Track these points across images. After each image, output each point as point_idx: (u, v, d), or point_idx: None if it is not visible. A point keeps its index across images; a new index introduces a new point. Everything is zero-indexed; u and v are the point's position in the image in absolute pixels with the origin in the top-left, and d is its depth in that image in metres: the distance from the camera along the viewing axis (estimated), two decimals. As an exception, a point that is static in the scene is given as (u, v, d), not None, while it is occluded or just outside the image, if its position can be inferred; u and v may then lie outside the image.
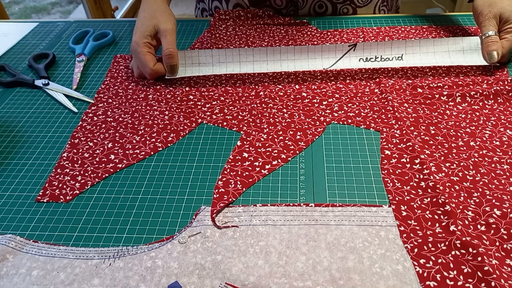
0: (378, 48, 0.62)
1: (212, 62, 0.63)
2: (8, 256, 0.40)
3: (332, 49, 0.62)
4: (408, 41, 0.62)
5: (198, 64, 0.63)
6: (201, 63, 0.63)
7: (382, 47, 0.62)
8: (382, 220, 0.42)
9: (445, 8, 2.22)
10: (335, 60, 0.61)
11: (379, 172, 0.47)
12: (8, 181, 0.49)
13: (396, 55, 0.61)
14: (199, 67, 0.63)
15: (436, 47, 0.61)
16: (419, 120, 0.53)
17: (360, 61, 0.61)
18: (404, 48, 0.62)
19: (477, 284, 0.36)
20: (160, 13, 0.64)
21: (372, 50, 0.62)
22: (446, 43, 0.61)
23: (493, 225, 0.40)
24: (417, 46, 0.62)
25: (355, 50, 0.62)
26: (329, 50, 0.62)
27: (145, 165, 0.50)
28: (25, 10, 2.66)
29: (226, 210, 0.44)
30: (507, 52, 0.60)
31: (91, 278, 0.38)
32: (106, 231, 0.43)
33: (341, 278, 0.37)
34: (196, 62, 0.63)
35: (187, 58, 0.63)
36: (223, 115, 0.57)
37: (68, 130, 0.56)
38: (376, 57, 0.61)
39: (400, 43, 0.62)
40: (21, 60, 0.72)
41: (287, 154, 0.50)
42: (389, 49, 0.62)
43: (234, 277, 0.38)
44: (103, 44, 0.74)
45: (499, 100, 0.55)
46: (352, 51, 0.62)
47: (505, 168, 0.46)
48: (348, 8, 0.80)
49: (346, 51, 0.62)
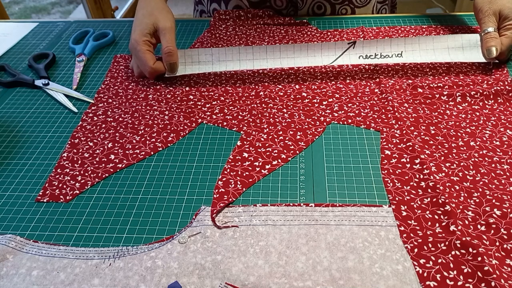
0: (377, 45, 0.62)
1: (212, 61, 0.63)
2: (8, 256, 0.40)
3: (331, 47, 0.62)
4: (407, 39, 0.62)
5: (198, 62, 0.63)
6: (201, 62, 0.63)
7: (381, 44, 0.62)
8: (382, 220, 0.42)
9: (445, 8, 2.22)
10: (335, 58, 0.61)
11: (379, 172, 0.47)
12: (8, 181, 0.49)
13: (396, 52, 0.61)
14: (199, 65, 0.63)
15: (435, 44, 0.61)
16: (419, 120, 0.53)
17: (360, 58, 0.61)
18: (403, 45, 0.62)
19: (477, 284, 0.36)
20: (158, 11, 0.64)
21: (371, 47, 0.62)
22: (445, 40, 0.61)
23: (493, 225, 0.40)
24: (416, 43, 0.62)
25: (355, 48, 0.62)
26: (328, 48, 0.62)
27: (145, 165, 0.50)
28: (25, 10, 2.66)
29: (226, 210, 0.44)
30: (506, 49, 0.60)
31: (91, 278, 0.38)
32: (106, 231, 0.43)
33: (341, 278, 0.37)
34: (196, 61, 0.63)
35: (187, 56, 0.63)
36: (223, 115, 0.57)
37: (68, 130, 0.56)
38: (376, 54, 0.61)
39: (399, 41, 0.62)
40: (21, 60, 0.72)
41: (287, 154, 0.50)
42: (389, 46, 0.62)
43: (234, 277, 0.38)
44: (103, 44, 0.74)
45: (499, 100, 0.55)
46: (351, 49, 0.62)
47: (505, 168, 0.46)
48: (347, 9, 0.80)
49: (345, 49, 0.62)
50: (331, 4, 0.79)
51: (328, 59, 0.62)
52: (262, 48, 0.63)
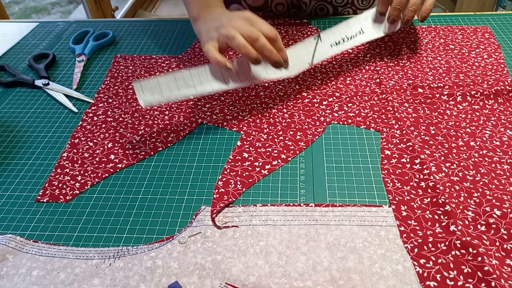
0: (339, 30, 0.62)
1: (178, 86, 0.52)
2: (8, 256, 0.40)
3: (303, 47, 0.60)
4: (360, 16, 0.63)
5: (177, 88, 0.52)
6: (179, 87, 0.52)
7: (342, 28, 0.62)
8: (382, 220, 0.42)
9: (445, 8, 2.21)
10: (312, 55, 0.60)
11: (379, 172, 0.47)
12: (8, 181, 0.49)
13: (357, 31, 0.62)
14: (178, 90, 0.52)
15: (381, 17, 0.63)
16: (419, 120, 0.53)
17: (332, 47, 0.60)
18: (359, 23, 0.62)
19: (477, 284, 0.36)
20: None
21: (335, 34, 0.61)
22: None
23: (493, 225, 0.40)
24: (369, 18, 0.63)
25: (322, 41, 0.61)
26: (301, 48, 0.60)
27: (145, 165, 0.50)
28: (25, 10, 2.66)
29: (226, 210, 0.44)
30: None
31: (91, 278, 0.38)
32: (106, 231, 0.43)
33: (341, 278, 0.37)
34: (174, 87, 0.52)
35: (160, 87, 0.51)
36: (223, 115, 0.57)
37: (68, 130, 0.56)
38: (343, 39, 0.61)
39: (354, 20, 0.62)
40: (21, 60, 0.72)
41: (287, 154, 0.50)
42: (348, 28, 0.62)
43: (234, 277, 0.38)
44: (103, 44, 0.74)
45: (499, 100, 0.55)
46: (319, 42, 0.61)
47: (505, 168, 0.46)
48: (349, 11, 0.80)
49: (315, 44, 0.61)
50: (333, 6, 0.79)
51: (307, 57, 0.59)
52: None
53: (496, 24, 0.73)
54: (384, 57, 0.65)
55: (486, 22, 0.73)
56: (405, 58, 0.65)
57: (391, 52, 0.67)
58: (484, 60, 0.63)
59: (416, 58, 0.65)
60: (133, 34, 0.77)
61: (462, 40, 0.68)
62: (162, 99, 0.46)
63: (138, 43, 0.74)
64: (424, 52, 0.66)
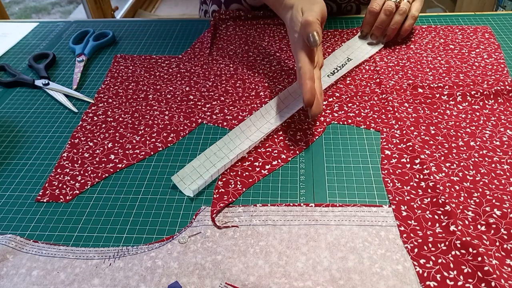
0: (330, 62, 0.63)
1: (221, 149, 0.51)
2: (8, 256, 0.40)
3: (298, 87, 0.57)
4: (342, 47, 0.66)
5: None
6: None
7: (332, 59, 0.64)
8: (382, 220, 0.42)
9: (445, 8, 2.22)
10: None
11: (379, 172, 0.47)
12: (8, 181, 0.49)
13: (346, 59, 0.64)
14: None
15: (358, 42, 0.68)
16: (419, 120, 0.53)
17: (330, 77, 0.61)
18: (344, 53, 0.65)
19: (477, 284, 0.36)
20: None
21: (327, 66, 0.63)
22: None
23: (493, 225, 0.40)
24: (351, 46, 0.67)
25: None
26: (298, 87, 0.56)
27: (145, 165, 0.50)
28: (25, 10, 2.66)
29: (226, 210, 0.44)
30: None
31: (91, 278, 0.38)
32: (106, 231, 0.43)
33: (341, 278, 0.37)
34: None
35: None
36: (223, 115, 0.57)
37: (68, 130, 0.56)
38: (336, 68, 0.62)
39: (339, 51, 0.65)
40: (21, 60, 0.72)
41: (287, 154, 0.50)
42: (336, 59, 0.64)
43: (234, 277, 0.38)
44: (103, 44, 0.74)
45: (499, 100, 0.55)
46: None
47: (505, 168, 0.46)
48: (352, 6, 0.80)
49: None
50: (337, 4, 0.79)
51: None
52: (247, 122, 0.53)
53: (496, 24, 0.73)
54: (384, 57, 0.65)
55: (486, 22, 0.73)
56: (405, 58, 0.65)
57: (391, 52, 0.67)
58: (484, 60, 0.63)
59: (416, 58, 0.65)
60: (133, 34, 0.77)
61: (462, 40, 0.68)
62: (204, 181, 0.47)
63: (138, 43, 0.74)
64: (424, 52, 0.66)
